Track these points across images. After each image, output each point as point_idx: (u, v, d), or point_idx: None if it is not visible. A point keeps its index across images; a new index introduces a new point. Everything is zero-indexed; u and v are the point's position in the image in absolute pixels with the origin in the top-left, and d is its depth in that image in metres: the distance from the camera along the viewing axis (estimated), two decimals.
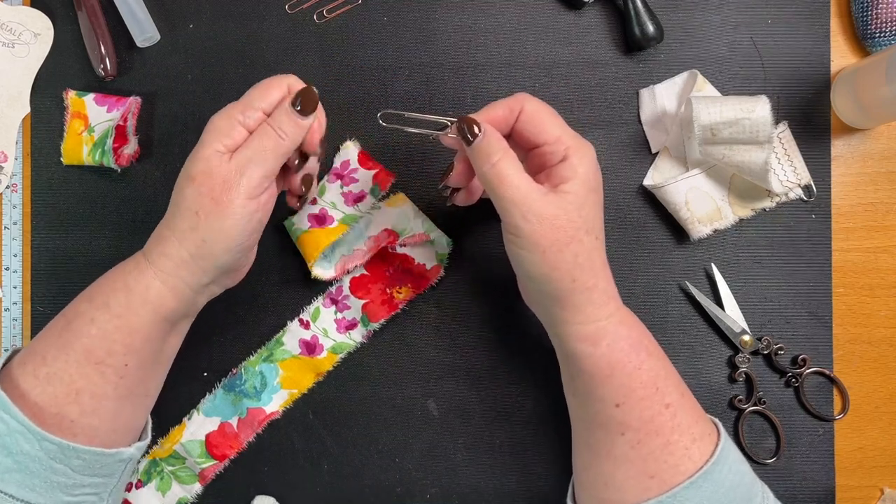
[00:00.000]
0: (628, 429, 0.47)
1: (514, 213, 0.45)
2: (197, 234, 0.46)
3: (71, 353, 0.46)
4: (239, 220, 0.46)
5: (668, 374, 0.49)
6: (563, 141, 0.47)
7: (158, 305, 0.47)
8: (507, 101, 0.48)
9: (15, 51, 0.61)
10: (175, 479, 0.60)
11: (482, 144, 0.46)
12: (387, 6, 0.61)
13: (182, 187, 0.47)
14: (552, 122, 0.47)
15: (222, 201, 0.45)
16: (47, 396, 0.46)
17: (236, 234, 0.46)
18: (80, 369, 0.46)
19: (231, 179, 0.46)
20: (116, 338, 0.46)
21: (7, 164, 0.62)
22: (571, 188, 0.46)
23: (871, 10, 0.59)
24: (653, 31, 0.58)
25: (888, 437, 0.60)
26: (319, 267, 0.58)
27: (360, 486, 0.60)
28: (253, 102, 0.47)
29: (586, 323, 0.47)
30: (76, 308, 0.48)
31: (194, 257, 0.47)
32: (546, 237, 0.45)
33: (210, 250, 0.47)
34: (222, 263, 0.48)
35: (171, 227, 0.47)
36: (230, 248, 0.47)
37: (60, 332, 0.47)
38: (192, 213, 0.46)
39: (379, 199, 0.60)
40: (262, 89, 0.48)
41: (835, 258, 0.60)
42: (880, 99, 0.55)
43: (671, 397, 0.47)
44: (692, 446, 0.47)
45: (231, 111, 0.47)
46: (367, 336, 0.60)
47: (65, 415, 0.46)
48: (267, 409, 0.60)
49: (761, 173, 0.55)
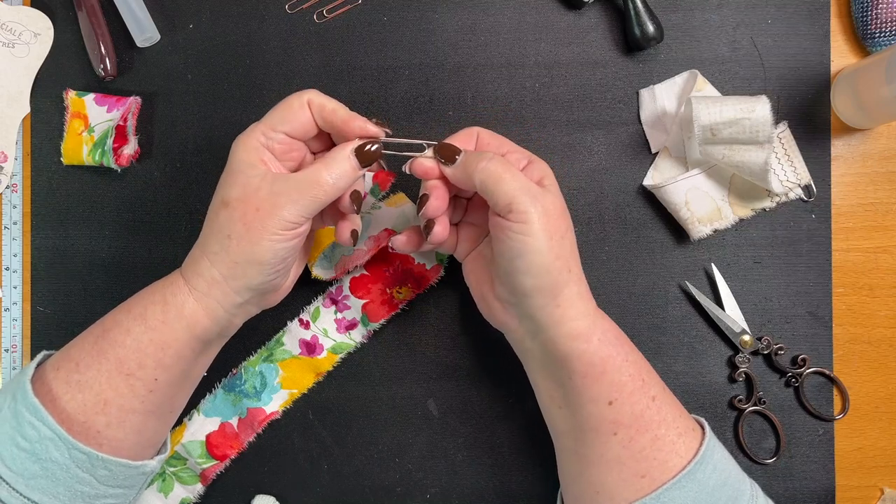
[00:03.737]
0: (620, 427, 0.47)
1: (524, 199, 0.45)
2: (228, 256, 0.46)
3: (104, 362, 0.46)
4: (269, 250, 0.46)
5: (648, 365, 0.50)
6: (521, 151, 0.50)
7: (193, 323, 0.47)
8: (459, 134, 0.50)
9: (15, 51, 0.61)
10: (177, 480, 0.60)
11: (468, 155, 0.47)
12: (387, 6, 0.61)
13: (216, 211, 0.47)
14: (504, 139, 0.51)
15: (254, 228, 0.45)
16: (77, 404, 0.45)
17: (268, 259, 0.46)
18: (111, 380, 0.46)
19: (264, 210, 0.45)
20: (149, 351, 0.46)
21: (7, 164, 0.62)
22: (551, 182, 0.48)
23: (871, 10, 0.59)
24: (653, 31, 0.58)
25: (888, 437, 0.60)
26: (319, 267, 0.58)
27: (360, 486, 0.60)
28: (275, 125, 0.47)
29: (579, 318, 0.47)
30: (115, 317, 0.48)
31: (226, 278, 0.47)
32: (552, 223, 0.46)
33: (243, 272, 0.46)
34: (255, 285, 0.47)
35: (204, 248, 0.47)
36: (263, 271, 0.47)
37: (96, 340, 0.47)
38: (223, 237, 0.46)
39: (379, 199, 0.60)
40: (282, 112, 0.47)
41: (835, 258, 0.60)
42: (880, 99, 0.55)
43: (655, 389, 0.48)
44: (678, 441, 0.47)
45: (254, 132, 0.47)
46: (367, 336, 0.60)
47: (92, 424, 0.45)
48: (267, 409, 0.60)
49: (761, 173, 0.55)
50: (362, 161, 0.47)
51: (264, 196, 0.45)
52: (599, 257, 0.60)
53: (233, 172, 0.46)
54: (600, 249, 0.60)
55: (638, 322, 0.60)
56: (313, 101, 0.47)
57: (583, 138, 0.60)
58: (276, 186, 0.45)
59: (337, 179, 0.46)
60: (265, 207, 0.45)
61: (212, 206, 0.47)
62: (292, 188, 0.45)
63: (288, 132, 0.47)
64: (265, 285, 0.48)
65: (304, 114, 0.47)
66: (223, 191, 0.47)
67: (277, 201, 0.45)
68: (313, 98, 0.47)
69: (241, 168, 0.46)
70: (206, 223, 0.48)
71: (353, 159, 0.47)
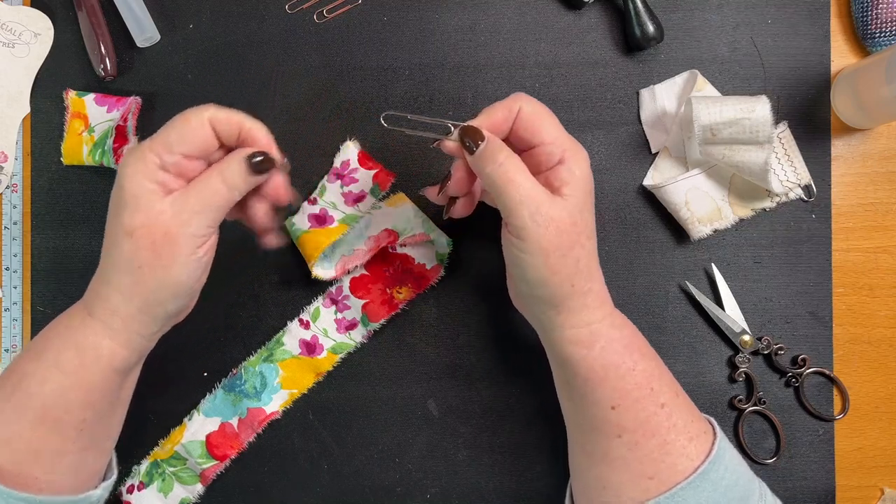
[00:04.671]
0: (624, 431, 0.46)
1: (523, 213, 0.44)
2: (143, 287, 0.44)
3: (26, 414, 0.44)
4: (184, 270, 0.44)
5: (662, 374, 0.49)
6: (560, 143, 0.46)
7: (111, 360, 0.45)
8: (505, 102, 0.47)
9: (15, 51, 0.61)
10: (177, 480, 0.60)
11: (486, 149, 0.45)
12: (387, 6, 0.61)
13: (117, 243, 0.44)
14: (550, 123, 0.46)
15: (164, 255, 0.43)
16: (5, 458, 0.44)
17: (183, 282, 0.45)
18: (36, 431, 0.44)
19: (173, 231, 0.43)
20: (72, 396, 0.45)
21: (7, 164, 0.62)
22: (572, 192, 0.45)
23: (871, 10, 0.59)
24: (653, 31, 0.58)
25: (888, 437, 0.60)
26: (319, 267, 0.58)
27: (360, 486, 0.60)
28: (171, 146, 0.43)
29: (580, 326, 0.47)
30: (23, 368, 0.46)
31: (142, 311, 0.45)
32: (552, 241, 0.44)
33: (158, 300, 0.45)
34: (172, 311, 0.46)
35: (113, 283, 0.44)
36: (178, 295, 0.45)
37: (10, 395, 0.45)
38: (134, 269, 0.43)
39: (379, 199, 0.60)
40: (179, 130, 0.44)
41: (835, 258, 0.60)
42: (880, 99, 0.55)
43: (665, 397, 0.47)
44: (689, 445, 0.47)
45: (147, 154, 0.43)
46: (367, 336, 0.60)
47: (28, 474, 0.44)
48: (267, 409, 0.60)
49: (761, 173, 0.55)
50: (259, 169, 0.45)
51: (168, 218, 0.43)
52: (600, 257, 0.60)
53: (130, 199, 0.43)
54: (600, 249, 0.60)
55: (638, 322, 0.59)
56: (216, 118, 0.44)
57: (583, 138, 0.60)
58: (178, 204, 0.44)
59: (232, 186, 0.44)
60: (173, 229, 0.43)
61: (111, 236, 0.44)
62: (194, 201, 0.44)
63: (185, 153, 0.44)
64: (181, 308, 0.47)
65: (205, 132, 0.44)
66: (124, 220, 0.43)
67: (182, 221, 0.43)
68: (216, 114, 0.44)
69: (140, 193, 0.43)
70: (108, 256, 0.45)
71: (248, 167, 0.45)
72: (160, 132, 0.44)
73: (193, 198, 0.44)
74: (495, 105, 0.47)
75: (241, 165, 0.45)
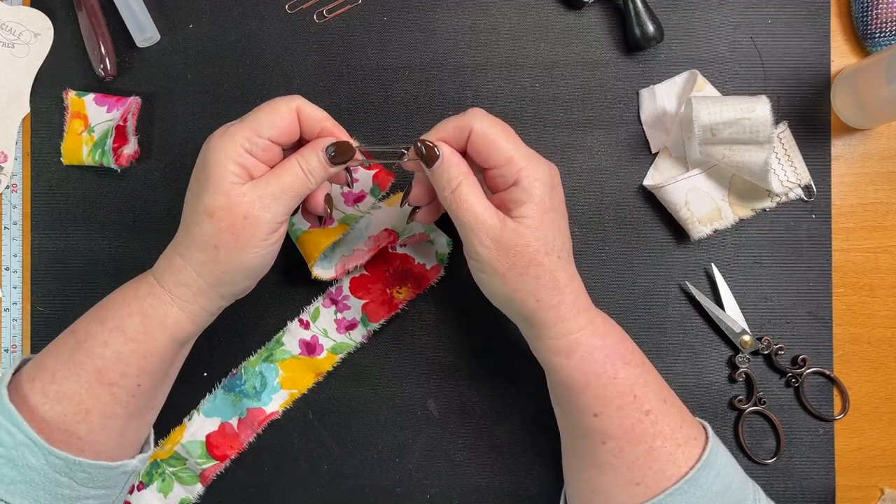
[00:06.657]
0: (609, 438, 0.46)
1: (472, 238, 0.45)
2: (217, 266, 0.46)
3: (83, 373, 0.46)
4: (258, 253, 0.46)
5: (648, 381, 0.48)
6: (515, 162, 0.45)
7: (176, 330, 0.47)
8: (457, 119, 0.46)
9: (15, 51, 0.61)
10: (177, 480, 0.60)
11: (441, 169, 0.46)
12: (387, 6, 0.61)
13: (198, 221, 0.45)
14: (502, 143, 0.45)
15: (242, 237, 0.45)
16: (56, 414, 0.45)
17: (256, 265, 0.47)
18: (91, 390, 0.46)
19: (253, 215, 0.44)
20: (131, 361, 0.46)
21: (7, 164, 0.62)
22: (527, 212, 0.45)
23: (871, 10, 0.59)
24: (653, 31, 0.58)
25: (888, 437, 0.60)
26: (319, 267, 0.58)
27: (360, 486, 0.60)
28: (261, 130, 0.45)
29: (557, 337, 0.47)
30: (86, 328, 0.47)
31: (213, 286, 0.47)
32: (503, 263, 0.45)
33: (230, 280, 0.47)
34: (241, 290, 0.49)
35: (188, 257, 0.46)
36: (248, 277, 0.48)
37: (72, 352, 0.47)
38: (210, 248, 0.45)
39: (379, 199, 0.60)
40: (269, 116, 0.45)
41: (835, 258, 0.60)
42: (880, 99, 0.55)
43: (651, 404, 0.47)
44: (676, 451, 0.46)
45: (236, 136, 0.44)
46: (367, 336, 0.60)
47: (73, 432, 0.45)
48: (267, 409, 0.60)
49: (761, 173, 0.55)
50: (335, 160, 0.46)
51: (249, 202, 0.44)
52: (599, 257, 0.60)
53: (214, 180, 0.44)
54: (600, 249, 0.60)
55: (638, 322, 0.60)
56: (302, 110, 0.46)
57: (583, 138, 0.60)
58: (258, 189, 0.45)
59: (311, 172, 0.46)
60: (253, 213, 0.44)
61: (192, 213, 0.46)
62: (274, 187, 0.45)
63: (272, 138, 0.45)
64: (247, 288, 0.49)
65: (292, 120, 0.46)
66: (205, 199, 0.44)
67: (263, 205, 0.45)
68: (302, 106, 0.46)
69: (223, 175, 0.44)
70: (187, 232, 0.46)
71: (325, 158, 0.46)
72: (249, 116, 0.46)
73: (274, 184, 0.45)
74: (448, 120, 0.47)
75: (320, 155, 0.46)
